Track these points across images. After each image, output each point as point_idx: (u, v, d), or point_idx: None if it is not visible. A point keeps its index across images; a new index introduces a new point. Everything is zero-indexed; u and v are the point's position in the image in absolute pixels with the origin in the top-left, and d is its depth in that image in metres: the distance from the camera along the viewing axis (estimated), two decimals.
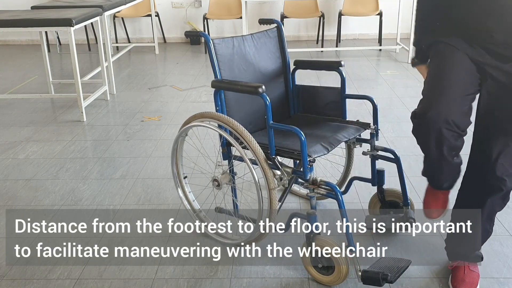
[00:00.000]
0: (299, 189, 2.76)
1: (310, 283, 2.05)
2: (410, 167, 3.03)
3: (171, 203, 2.72)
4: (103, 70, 4.64)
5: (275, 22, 2.47)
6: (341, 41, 7.06)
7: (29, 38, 7.48)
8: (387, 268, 1.95)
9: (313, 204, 2.06)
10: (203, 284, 2.07)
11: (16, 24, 3.86)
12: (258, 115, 2.34)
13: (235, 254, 2.26)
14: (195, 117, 2.21)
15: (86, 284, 2.09)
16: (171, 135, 3.71)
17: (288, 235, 2.38)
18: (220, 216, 2.57)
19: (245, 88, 2.01)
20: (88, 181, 3.01)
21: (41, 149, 3.50)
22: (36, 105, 4.52)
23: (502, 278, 2.05)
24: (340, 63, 2.34)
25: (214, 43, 2.20)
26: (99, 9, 4.42)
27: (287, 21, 7.10)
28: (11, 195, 2.86)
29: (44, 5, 4.86)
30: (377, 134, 2.27)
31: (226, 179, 2.23)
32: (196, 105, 4.40)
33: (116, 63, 6.13)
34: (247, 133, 2.02)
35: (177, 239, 2.39)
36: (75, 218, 2.60)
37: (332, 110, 2.40)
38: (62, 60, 6.38)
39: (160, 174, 3.06)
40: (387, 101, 4.34)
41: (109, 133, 3.79)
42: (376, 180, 2.34)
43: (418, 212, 2.52)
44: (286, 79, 2.49)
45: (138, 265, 2.20)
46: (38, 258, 2.27)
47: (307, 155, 1.93)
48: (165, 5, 7.18)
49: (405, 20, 6.70)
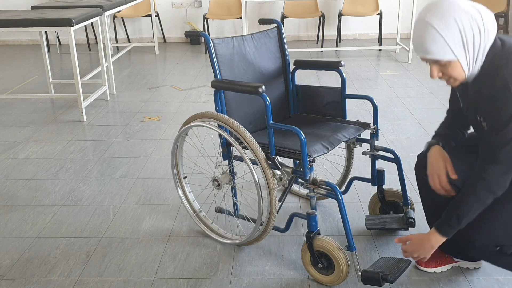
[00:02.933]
0: (299, 189, 2.76)
1: (310, 283, 2.05)
2: (410, 167, 3.03)
3: (171, 203, 2.72)
4: (103, 70, 4.64)
5: (275, 22, 2.47)
6: (341, 41, 7.07)
7: (29, 38, 7.48)
8: (387, 268, 1.95)
9: (313, 204, 2.06)
10: (203, 284, 2.07)
11: (16, 24, 3.86)
12: (258, 115, 2.34)
13: (235, 254, 2.26)
14: (195, 117, 2.21)
15: (86, 284, 2.09)
16: (171, 135, 3.71)
17: (288, 235, 2.39)
18: (220, 216, 2.57)
19: (245, 88, 2.01)
20: (88, 181, 3.01)
21: (41, 149, 3.50)
22: (36, 105, 4.52)
23: (502, 278, 2.05)
24: (340, 63, 2.34)
25: (214, 43, 2.20)
26: (99, 9, 4.42)
27: (287, 21, 7.10)
28: (11, 195, 2.86)
29: (44, 5, 4.86)
30: (377, 134, 2.27)
31: (226, 179, 2.23)
32: (196, 105, 4.40)
33: (116, 63, 6.13)
34: (247, 133, 2.02)
35: (177, 239, 2.39)
36: (75, 218, 2.60)
37: (332, 110, 2.41)
38: (62, 60, 6.38)
39: (160, 174, 3.06)
40: (387, 101, 4.34)
41: (109, 133, 3.79)
42: (376, 180, 2.34)
43: (418, 212, 2.52)
44: (286, 79, 2.49)
45: (138, 265, 2.20)
46: (38, 258, 2.27)
47: (307, 155, 1.94)
48: (165, 5, 7.18)
49: (405, 20, 6.72)
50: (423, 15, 1.62)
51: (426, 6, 1.64)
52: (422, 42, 1.61)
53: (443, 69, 1.65)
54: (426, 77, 5.06)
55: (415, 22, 1.66)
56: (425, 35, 1.59)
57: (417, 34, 1.63)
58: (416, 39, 1.64)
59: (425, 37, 1.59)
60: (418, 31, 1.62)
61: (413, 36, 1.66)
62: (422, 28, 1.60)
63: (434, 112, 4.01)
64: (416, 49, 1.66)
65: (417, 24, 1.63)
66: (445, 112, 2.07)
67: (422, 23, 1.61)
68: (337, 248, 1.94)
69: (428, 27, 1.58)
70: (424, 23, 1.60)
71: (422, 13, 1.63)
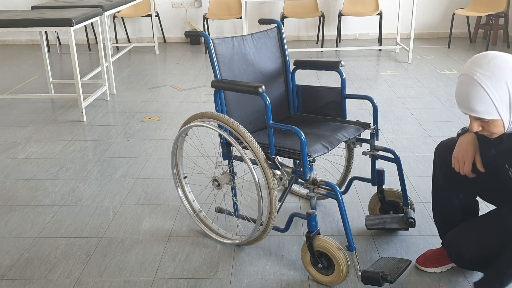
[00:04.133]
0: (299, 189, 2.76)
1: (310, 283, 2.05)
2: (410, 167, 3.03)
3: (171, 203, 2.72)
4: (103, 70, 4.64)
5: (275, 22, 2.47)
6: (341, 41, 7.07)
7: (29, 38, 7.48)
8: (387, 268, 1.96)
9: (313, 204, 2.06)
10: (203, 284, 2.07)
11: (16, 24, 3.86)
12: (258, 115, 2.34)
13: (235, 254, 2.26)
14: (195, 117, 2.21)
15: (86, 284, 2.09)
16: (171, 135, 3.71)
17: (288, 235, 2.39)
18: (220, 216, 2.57)
19: (245, 88, 2.01)
20: (88, 181, 3.01)
21: (41, 149, 3.50)
22: (36, 105, 4.52)
23: None
24: (340, 63, 2.34)
25: (214, 43, 2.20)
26: (99, 9, 4.42)
27: (287, 21, 7.10)
28: (11, 195, 2.86)
29: (44, 5, 4.86)
30: (377, 134, 2.27)
31: (226, 179, 2.23)
32: (196, 105, 4.40)
33: (116, 63, 6.13)
34: (247, 133, 2.02)
35: (177, 239, 2.39)
36: (75, 218, 2.60)
37: (332, 110, 2.41)
38: (62, 60, 6.38)
39: (160, 174, 3.06)
40: (387, 101, 4.34)
41: (109, 133, 3.79)
42: (376, 180, 2.34)
43: (418, 212, 2.52)
44: (286, 79, 2.49)
45: (138, 265, 2.20)
46: (38, 258, 2.27)
47: (307, 155, 1.94)
48: (165, 5, 7.18)
49: (405, 20, 6.73)
50: (472, 71, 1.54)
51: (475, 60, 1.56)
52: (468, 100, 1.55)
53: (484, 125, 1.61)
54: (426, 77, 5.07)
55: (461, 76, 1.58)
56: (473, 93, 1.53)
57: (463, 90, 1.56)
58: (462, 95, 1.57)
59: (473, 96, 1.53)
60: (465, 87, 1.56)
61: (458, 90, 1.59)
62: (470, 86, 1.54)
63: (434, 112, 4.01)
64: (460, 104, 1.60)
65: (465, 80, 1.56)
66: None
67: (470, 81, 1.54)
68: (337, 248, 1.94)
69: (477, 86, 1.52)
70: (472, 81, 1.53)
71: (470, 67, 1.56)
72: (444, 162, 1.93)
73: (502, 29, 6.65)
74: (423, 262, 2.10)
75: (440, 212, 2.07)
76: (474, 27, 6.78)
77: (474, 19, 6.79)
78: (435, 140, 3.45)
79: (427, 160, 3.13)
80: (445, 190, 1.98)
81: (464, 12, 6.30)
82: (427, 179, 2.87)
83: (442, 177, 1.97)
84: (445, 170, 1.92)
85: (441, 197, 2.02)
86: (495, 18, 6.17)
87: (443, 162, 1.94)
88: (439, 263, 2.09)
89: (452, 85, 4.75)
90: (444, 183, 1.97)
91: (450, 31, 6.46)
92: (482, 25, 6.74)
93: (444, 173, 1.95)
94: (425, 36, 7.18)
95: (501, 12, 6.05)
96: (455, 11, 6.33)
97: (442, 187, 1.99)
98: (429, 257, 2.12)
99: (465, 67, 1.59)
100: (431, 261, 2.09)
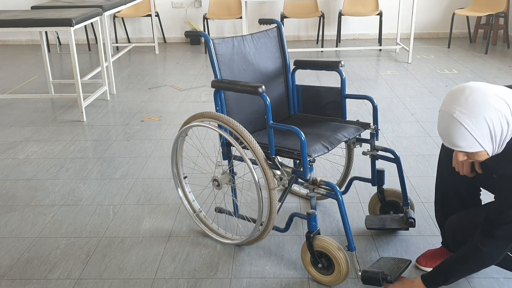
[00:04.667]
0: (299, 189, 2.76)
1: (310, 283, 2.05)
2: (410, 167, 3.03)
3: (171, 203, 2.72)
4: (103, 70, 4.64)
5: (275, 22, 2.47)
6: (341, 41, 7.07)
7: (29, 38, 7.48)
8: (387, 268, 1.96)
9: (313, 204, 2.06)
10: (203, 284, 2.07)
11: (16, 24, 3.86)
12: (258, 115, 2.34)
13: (235, 254, 2.26)
14: (195, 117, 2.21)
15: (86, 284, 2.09)
16: (171, 135, 3.71)
17: (288, 235, 2.39)
18: (220, 216, 2.57)
19: (245, 88, 2.01)
20: (88, 181, 3.01)
21: (41, 149, 3.50)
22: (36, 105, 4.52)
23: (502, 278, 2.05)
24: (340, 63, 2.34)
25: (214, 43, 2.20)
26: (99, 9, 4.42)
27: (287, 21, 7.10)
28: (11, 195, 2.86)
29: (44, 5, 4.86)
30: (377, 134, 2.27)
31: (226, 179, 2.23)
32: (196, 105, 4.40)
33: (116, 63, 6.13)
34: (247, 133, 2.02)
35: (177, 239, 2.39)
36: (75, 218, 2.60)
37: (332, 110, 2.41)
38: (62, 60, 6.38)
39: (160, 174, 3.06)
40: (387, 101, 4.34)
41: (109, 133, 3.79)
42: (376, 180, 2.34)
43: (418, 212, 2.52)
44: (286, 79, 2.49)
45: (138, 265, 2.20)
46: (38, 258, 2.27)
47: (307, 155, 1.94)
48: (165, 5, 7.18)
49: (405, 20, 6.73)
50: (452, 108, 1.55)
51: (453, 96, 1.58)
52: (450, 137, 1.57)
53: (469, 155, 1.63)
54: (426, 77, 5.07)
55: (441, 113, 1.59)
56: (454, 131, 1.55)
57: (444, 127, 1.58)
58: (444, 133, 1.59)
59: (454, 133, 1.56)
60: (445, 125, 1.58)
61: (440, 127, 1.61)
62: (451, 124, 1.56)
63: (434, 112, 4.01)
64: (443, 139, 1.62)
65: (445, 118, 1.58)
66: None
67: (450, 119, 1.55)
68: (337, 248, 1.94)
69: (457, 125, 1.54)
70: (452, 119, 1.55)
71: (449, 105, 1.57)
72: (449, 158, 1.94)
73: (502, 29, 6.65)
74: (423, 262, 2.11)
75: (443, 193, 2.06)
76: (474, 27, 6.78)
77: (474, 19, 6.79)
78: (435, 140, 3.45)
79: (427, 160, 3.13)
80: (449, 179, 1.99)
81: (464, 12, 6.30)
82: (427, 179, 2.87)
83: (446, 169, 1.98)
84: (450, 166, 1.93)
85: (444, 183, 2.03)
86: (495, 18, 6.17)
87: (448, 158, 1.95)
88: (439, 263, 2.09)
89: (452, 85, 4.75)
90: (448, 175, 1.98)
91: (450, 31, 6.47)
92: (482, 25, 6.74)
93: (448, 167, 1.95)
94: (425, 36, 7.18)
95: (501, 12, 6.05)
96: (455, 11, 6.33)
97: (446, 177, 2.01)
98: (429, 257, 2.12)
99: (444, 102, 1.60)
100: (431, 261, 2.09)
